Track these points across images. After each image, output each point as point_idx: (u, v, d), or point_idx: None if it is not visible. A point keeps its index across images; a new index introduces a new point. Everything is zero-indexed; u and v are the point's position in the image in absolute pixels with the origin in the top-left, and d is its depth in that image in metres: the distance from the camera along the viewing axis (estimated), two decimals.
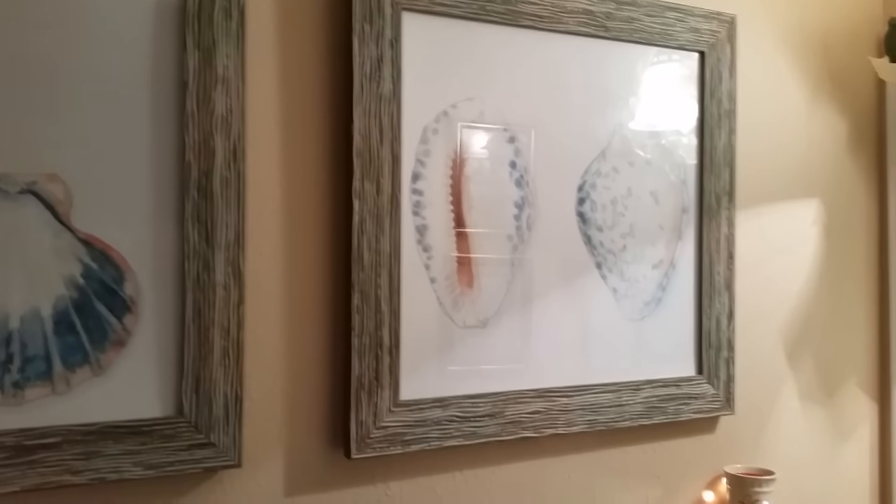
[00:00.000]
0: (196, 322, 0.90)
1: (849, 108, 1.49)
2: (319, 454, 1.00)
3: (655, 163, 1.26)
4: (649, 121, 1.25)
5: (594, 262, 1.21)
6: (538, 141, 1.15)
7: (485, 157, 1.11)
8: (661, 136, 1.26)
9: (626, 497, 1.23)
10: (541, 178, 1.15)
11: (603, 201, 1.21)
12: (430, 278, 1.06)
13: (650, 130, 1.26)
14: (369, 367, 1.00)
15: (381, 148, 1.00)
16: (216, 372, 0.91)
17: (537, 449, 1.16)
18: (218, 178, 0.92)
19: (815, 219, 1.46)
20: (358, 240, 0.99)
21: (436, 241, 1.07)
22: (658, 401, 1.23)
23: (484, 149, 1.11)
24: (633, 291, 1.24)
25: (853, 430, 1.52)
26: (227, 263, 0.92)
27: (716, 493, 1.31)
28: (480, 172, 1.10)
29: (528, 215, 1.15)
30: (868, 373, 1.54)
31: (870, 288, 1.54)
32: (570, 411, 1.15)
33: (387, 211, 1.01)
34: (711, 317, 1.29)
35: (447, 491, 1.09)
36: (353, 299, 0.99)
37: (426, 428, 1.04)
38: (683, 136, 1.28)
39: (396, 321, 1.02)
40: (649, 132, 1.25)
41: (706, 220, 1.29)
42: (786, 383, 1.42)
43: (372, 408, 1.00)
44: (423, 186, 1.05)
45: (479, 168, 1.10)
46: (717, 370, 1.29)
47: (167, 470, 0.89)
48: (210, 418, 0.91)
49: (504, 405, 1.10)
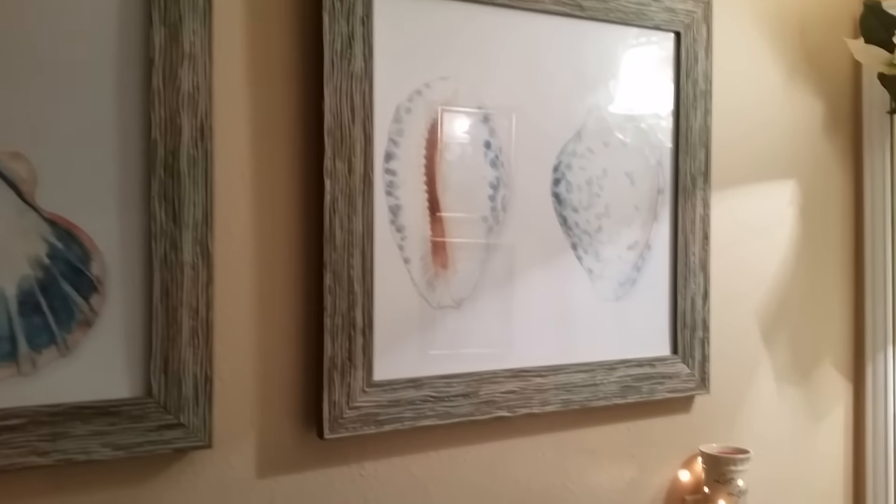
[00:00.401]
0: (164, 302, 0.90)
1: (825, 90, 1.49)
2: (292, 435, 1.00)
3: (631, 143, 1.26)
4: (625, 101, 1.25)
5: (570, 243, 1.21)
6: (513, 121, 1.14)
7: (459, 136, 1.10)
8: (637, 116, 1.26)
9: (600, 476, 1.24)
10: (516, 158, 1.15)
11: (578, 182, 1.21)
12: (403, 259, 1.06)
13: (626, 111, 1.25)
14: (342, 347, 0.99)
15: (352, 127, 0.99)
16: (185, 352, 0.90)
17: (511, 428, 1.16)
18: (185, 156, 0.90)
19: (791, 200, 1.46)
20: (330, 220, 0.98)
21: (410, 222, 1.06)
22: (633, 380, 1.23)
23: (458, 128, 1.10)
24: (608, 272, 1.24)
25: (828, 410, 1.54)
26: (195, 243, 0.91)
27: (691, 472, 1.31)
28: (455, 152, 1.10)
29: (504, 196, 1.14)
30: (843, 353, 1.55)
31: (845, 269, 1.55)
32: (544, 391, 1.16)
33: (359, 191, 1.00)
34: (686, 297, 1.29)
35: (422, 470, 1.09)
36: (325, 279, 0.98)
37: (400, 408, 1.04)
38: (659, 117, 1.28)
39: (370, 302, 1.02)
40: (625, 113, 1.25)
41: (682, 201, 1.29)
42: (761, 363, 1.43)
43: (345, 388, 1.00)
44: (396, 166, 1.04)
45: (454, 148, 1.10)
46: (692, 350, 1.30)
47: (136, 451, 0.88)
48: (179, 399, 0.90)
49: (478, 385, 1.10)
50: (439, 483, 1.10)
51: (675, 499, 1.31)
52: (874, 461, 1.54)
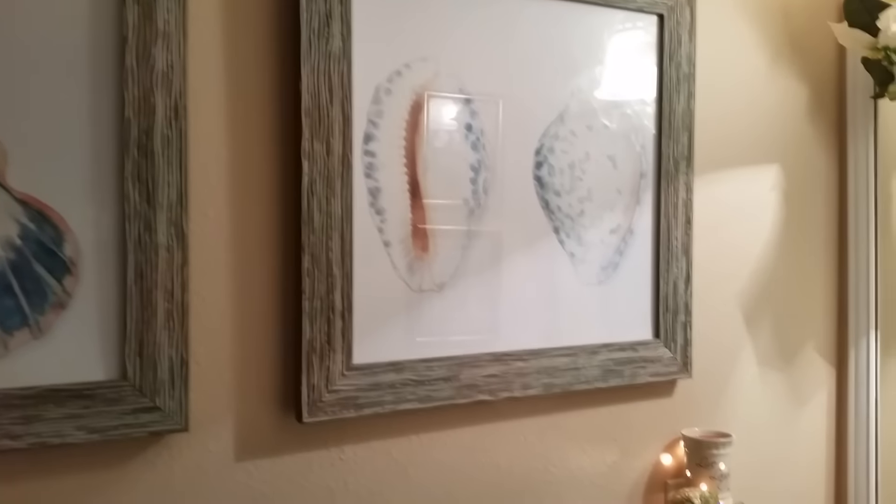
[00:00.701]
0: (138, 284, 0.89)
1: (809, 74, 1.49)
2: (270, 418, 0.99)
3: (614, 127, 1.25)
4: (608, 85, 1.24)
5: (552, 227, 1.20)
6: (494, 103, 1.13)
7: (440, 118, 1.09)
8: (620, 99, 1.25)
9: (582, 460, 1.24)
10: (498, 141, 1.14)
11: (561, 165, 1.20)
12: (383, 242, 1.05)
13: (609, 94, 1.24)
14: (321, 330, 0.99)
15: (330, 107, 0.98)
16: (160, 335, 0.90)
17: (493, 412, 1.16)
18: (159, 136, 0.89)
19: (774, 184, 1.46)
20: (307, 201, 0.97)
21: (389, 205, 1.05)
22: (615, 364, 1.23)
23: (439, 111, 1.09)
24: (590, 256, 1.23)
25: (810, 394, 1.54)
26: (169, 224, 0.90)
27: (673, 457, 1.32)
28: (435, 134, 1.09)
29: (485, 179, 1.13)
30: (826, 338, 1.56)
31: (828, 254, 1.55)
32: (526, 375, 1.15)
33: (338, 172, 0.99)
34: (669, 281, 1.29)
35: (403, 454, 1.09)
36: (303, 262, 0.97)
37: (380, 391, 1.04)
38: (642, 100, 1.28)
39: (349, 285, 1.01)
40: (608, 95, 1.24)
41: (664, 185, 1.29)
42: (744, 348, 1.43)
43: (324, 371, 0.99)
44: (375, 148, 1.03)
45: (435, 130, 1.09)
46: (675, 334, 1.30)
47: (111, 434, 0.87)
48: (155, 382, 0.90)
49: (459, 369, 1.10)
50: (420, 467, 1.10)
51: (657, 483, 1.31)
52: (856, 446, 1.55)
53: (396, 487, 1.08)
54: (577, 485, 1.23)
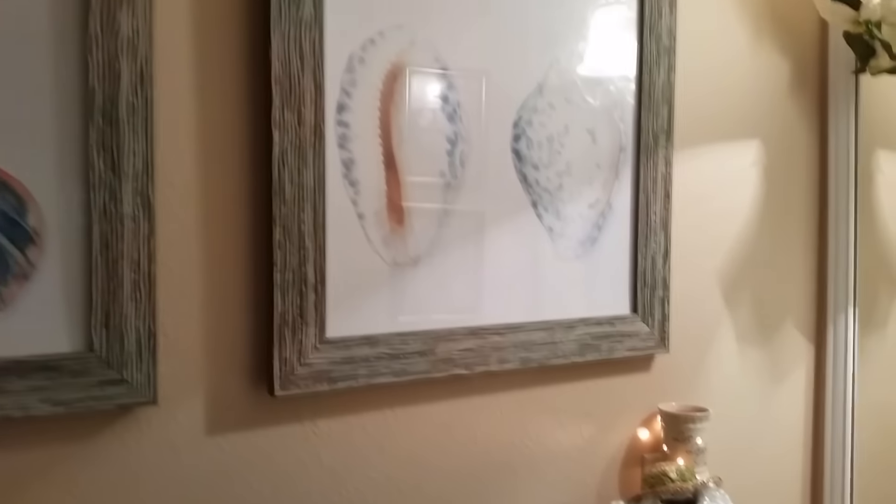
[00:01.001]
0: (104, 255, 0.87)
1: (791, 48, 1.48)
2: (242, 392, 0.98)
3: (593, 100, 1.24)
4: (588, 57, 1.22)
5: (530, 201, 1.19)
6: (472, 74, 1.12)
7: (415, 89, 1.07)
8: (599, 72, 1.24)
9: (559, 434, 1.24)
10: (474, 113, 1.12)
11: (539, 138, 1.19)
12: (357, 214, 1.04)
13: (588, 66, 1.23)
14: (293, 303, 0.97)
15: (302, 76, 0.96)
16: (127, 306, 0.88)
17: (469, 387, 1.15)
18: (124, 103, 0.87)
19: (755, 160, 1.46)
20: (279, 172, 0.95)
21: (364, 176, 1.04)
22: (592, 339, 1.23)
23: (414, 81, 1.07)
24: (569, 230, 1.23)
25: (789, 370, 1.55)
26: (135, 194, 0.88)
27: (650, 431, 1.32)
28: (411, 105, 1.07)
29: (462, 151, 1.12)
30: (805, 314, 1.56)
31: (809, 230, 1.55)
32: (502, 349, 1.15)
33: (310, 143, 0.97)
34: (647, 256, 1.28)
35: (377, 429, 1.08)
36: (274, 234, 0.95)
37: (354, 365, 1.03)
38: (622, 74, 1.26)
39: (322, 257, 0.99)
40: (588, 68, 1.23)
41: (643, 160, 1.28)
42: (722, 323, 1.43)
43: (296, 345, 0.98)
44: (349, 118, 1.02)
45: (410, 101, 1.07)
46: (652, 309, 1.29)
47: (77, 407, 0.86)
48: (122, 354, 0.88)
49: (435, 343, 1.09)
50: (395, 441, 1.09)
51: (634, 457, 1.31)
52: (833, 422, 1.56)
53: (371, 461, 1.07)
54: (553, 459, 1.23)
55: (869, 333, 1.59)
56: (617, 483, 1.29)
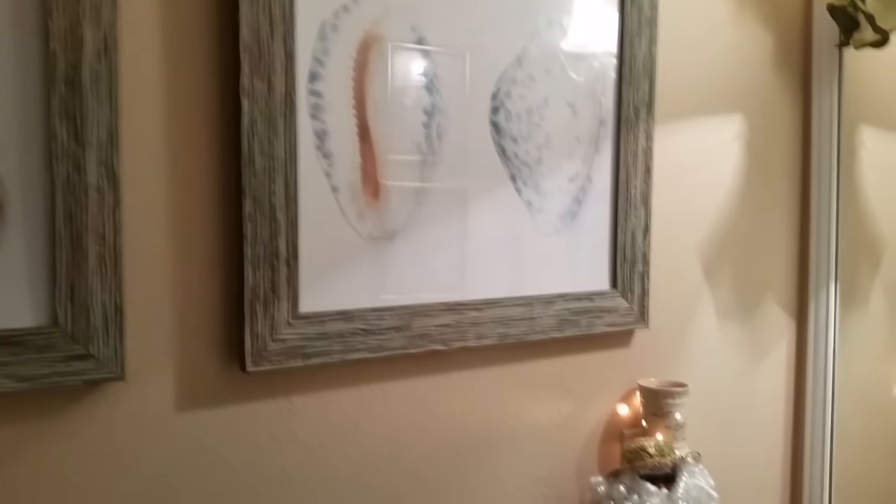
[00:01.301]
0: (68, 227, 0.84)
1: (774, 21, 1.46)
2: (213, 367, 0.96)
3: (573, 72, 1.22)
4: (568, 27, 1.20)
5: (508, 175, 1.17)
6: (449, 44, 1.09)
7: (391, 58, 1.05)
8: (580, 43, 1.22)
9: (538, 410, 1.23)
10: (452, 84, 1.10)
11: (518, 111, 1.17)
12: (331, 187, 1.01)
13: (569, 37, 1.21)
14: (264, 277, 0.95)
15: (272, 42, 0.93)
16: (92, 280, 0.86)
17: (447, 362, 1.14)
18: (88, 70, 0.84)
19: (737, 134, 1.44)
20: (248, 143, 0.93)
21: (337, 148, 1.01)
22: (571, 314, 1.22)
23: (389, 49, 1.05)
24: (548, 205, 1.21)
25: (770, 346, 1.55)
26: (99, 164, 0.85)
27: (630, 407, 1.31)
28: (386, 75, 1.05)
29: (439, 123, 1.10)
30: (786, 290, 1.56)
31: (791, 205, 1.54)
32: (480, 324, 1.13)
33: (280, 112, 0.95)
34: (627, 231, 1.27)
35: (354, 405, 1.07)
36: (244, 206, 0.93)
37: (328, 341, 1.01)
38: (603, 45, 1.24)
39: (294, 231, 0.97)
40: (568, 39, 1.21)
41: (624, 133, 1.26)
42: (703, 299, 1.42)
43: (268, 320, 0.96)
44: (321, 88, 0.99)
45: (385, 71, 1.04)
46: (632, 284, 1.28)
47: (43, 382, 0.84)
48: (88, 329, 0.86)
49: (411, 318, 1.08)
50: (372, 417, 1.08)
51: (613, 433, 1.31)
52: (813, 398, 1.56)
53: (348, 438, 1.06)
54: (532, 435, 1.23)
55: (850, 310, 1.59)
56: (596, 458, 1.29)
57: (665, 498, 1.11)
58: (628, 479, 1.15)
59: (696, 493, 1.13)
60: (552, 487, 1.25)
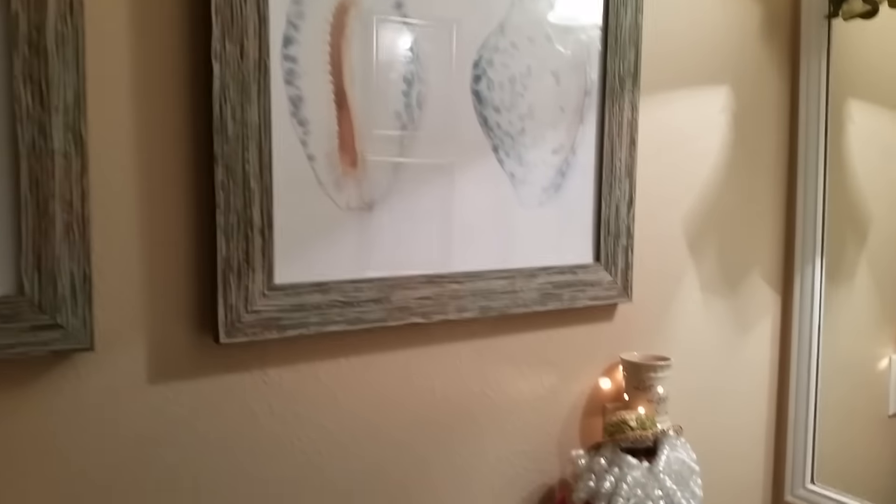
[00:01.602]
0: (34, 193, 0.82)
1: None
2: (186, 339, 0.94)
3: (557, 40, 1.19)
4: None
5: (491, 145, 1.15)
6: (429, 10, 1.07)
7: (369, 24, 1.02)
8: (564, 11, 1.19)
9: (520, 384, 1.22)
10: (432, 51, 1.08)
11: (500, 80, 1.15)
12: (307, 155, 0.99)
13: (553, 5, 1.18)
14: (238, 247, 0.93)
15: (244, 5, 0.90)
16: (59, 248, 0.84)
17: (427, 335, 1.12)
18: (52, 32, 0.81)
19: (724, 106, 1.42)
20: (220, 108, 0.90)
21: (313, 115, 0.99)
22: (553, 287, 1.20)
23: (367, 15, 1.02)
24: (531, 177, 1.19)
25: (755, 321, 1.54)
26: (65, 129, 0.83)
27: (612, 381, 1.30)
28: (364, 42, 1.02)
29: (419, 92, 1.07)
30: (772, 264, 1.55)
31: (777, 178, 1.53)
32: (461, 297, 1.12)
33: (253, 77, 0.92)
34: (611, 204, 1.25)
35: (332, 378, 1.05)
36: (216, 174, 0.91)
37: (305, 313, 0.99)
38: (588, 14, 1.22)
39: (268, 200, 0.95)
40: (552, 6, 1.18)
41: (609, 104, 1.24)
42: (687, 273, 1.41)
43: (242, 291, 0.94)
44: (296, 53, 0.97)
45: (363, 37, 1.02)
46: (615, 258, 1.27)
47: (10, 352, 0.82)
48: (55, 298, 0.84)
49: (391, 290, 1.06)
50: (350, 391, 1.07)
51: (595, 406, 1.30)
52: (798, 373, 1.56)
53: (325, 411, 1.05)
54: (514, 409, 1.22)
55: (836, 285, 1.58)
56: (578, 432, 1.28)
57: (646, 471, 1.11)
58: (609, 452, 1.14)
59: (677, 466, 1.12)
60: (534, 461, 1.24)
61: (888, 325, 1.65)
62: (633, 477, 1.10)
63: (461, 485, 1.18)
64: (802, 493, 1.55)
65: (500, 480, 1.21)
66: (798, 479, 1.56)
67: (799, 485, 1.56)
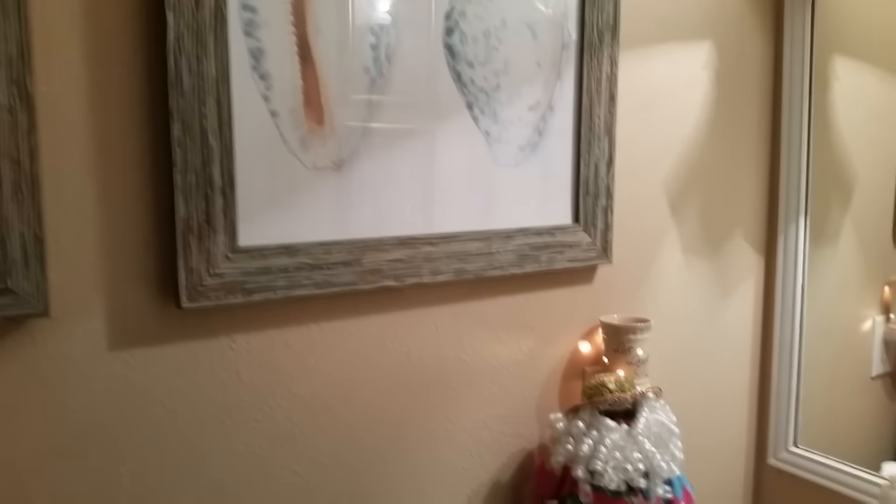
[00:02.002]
0: None
1: None
2: (147, 304, 0.91)
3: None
4: None
5: (465, 102, 1.11)
6: None
7: None
8: None
9: (497, 348, 1.19)
10: (401, 1, 1.03)
11: (474, 33, 1.10)
12: (270, 111, 0.95)
13: None
14: (198, 208, 0.89)
15: None
16: (8, 209, 0.79)
17: (401, 299, 1.09)
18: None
19: (706, 62, 1.39)
20: (175, 60, 0.86)
21: (276, 69, 0.95)
22: (531, 249, 1.17)
23: None
24: (507, 135, 1.15)
25: (738, 283, 1.52)
26: (10, 83, 0.78)
27: (592, 344, 1.28)
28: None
29: (388, 45, 1.03)
30: (755, 226, 1.52)
31: (760, 137, 1.50)
32: (435, 260, 1.09)
33: (209, 27, 0.87)
34: (590, 163, 1.22)
35: (302, 344, 1.02)
36: (172, 130, 0.87)
37: (271, 276, 0.96)
38: None
39: (229, 158, 0.91)
40: None
41: (587, 59, 1.20)
42: (668, 234, 1.38)
43: (204, 254, 0.91)
44: (255, 2, 0.92)
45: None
46: (595, 219, 1.24)
47: None
48: (5, 261, 0.80)
49: (361, 253, 1.02)
50: (322, 357, 1.04)
51: (574, 370, 1.28)
52: (781, 333, 1.54)
53: (296, 378, 1.02)
54: (491, 373, 1.19)
55: (820, 245, 1.56)
56: (557, 396, 1.26)
57: (625, 433, 1.09)
58: (588, 414, 1.12)
59: (656, 429, 1.10)
60: (511, 425, 1.22)
61: (872, 286, 1.64)
62: (611, 439, 1.08)
63: (438, 450, 1.16)
64: (785, 457, 1.54)
65: (477, 445, 1.19)
66: (781, 442, 1.55)
67: (782, 448, 1.55)
